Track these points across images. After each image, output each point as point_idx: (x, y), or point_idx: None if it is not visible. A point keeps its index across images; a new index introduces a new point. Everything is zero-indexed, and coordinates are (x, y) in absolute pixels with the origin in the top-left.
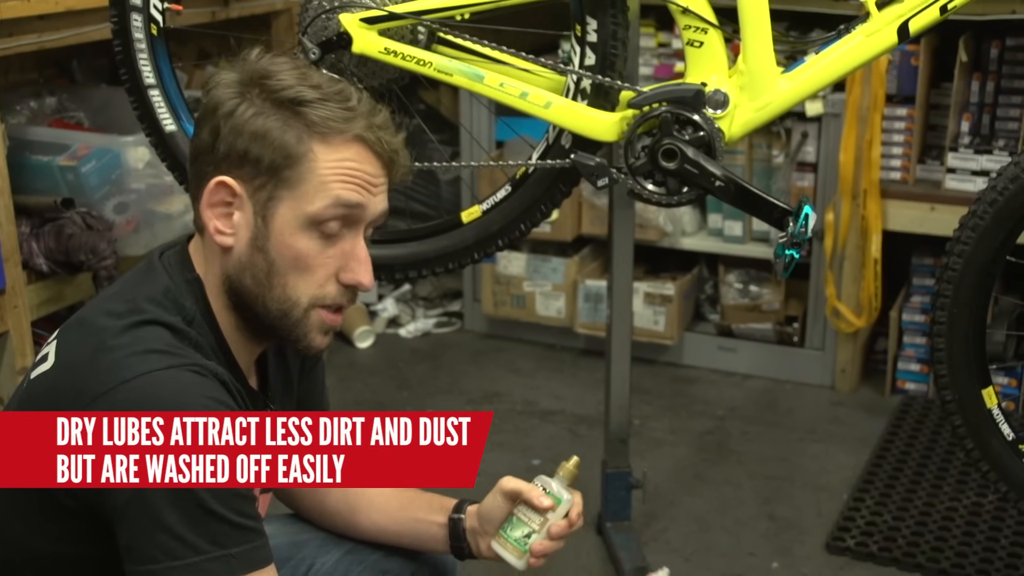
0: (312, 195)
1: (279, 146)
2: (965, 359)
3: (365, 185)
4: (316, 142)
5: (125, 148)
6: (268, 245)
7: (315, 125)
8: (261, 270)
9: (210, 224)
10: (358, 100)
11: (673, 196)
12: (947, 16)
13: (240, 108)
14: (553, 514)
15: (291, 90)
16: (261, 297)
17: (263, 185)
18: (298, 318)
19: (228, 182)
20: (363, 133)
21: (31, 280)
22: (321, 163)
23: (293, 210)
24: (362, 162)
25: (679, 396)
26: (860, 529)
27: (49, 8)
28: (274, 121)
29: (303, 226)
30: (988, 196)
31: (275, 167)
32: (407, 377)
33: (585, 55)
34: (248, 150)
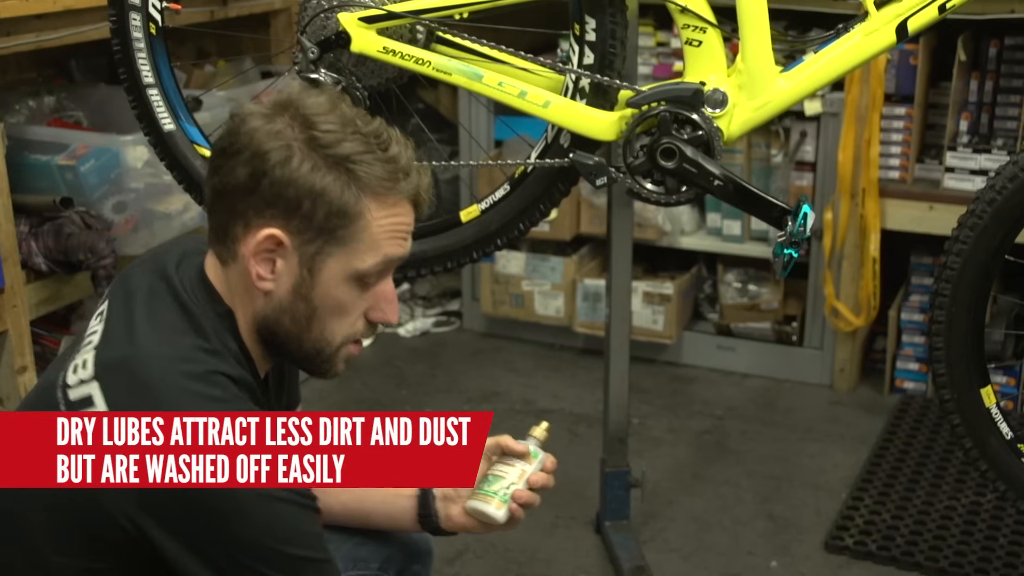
0: (363, 253)
1: (337, 206)
2: (964, 358)
3: (405, 236)
4: (370, 200)
5: (124, 147)
6: (312, 294)
7: (369, 186)
8: (302, 315)
9: (252, 270)
10: (397, 146)
11: (672, 195)
12: (946, 15)
13: (294, 162)
14: (529, 466)
15: (341, 146)
16: (298, 337)
17: (313, 239)
18: (330, 355)
19: (278, 235)
20: (412, 192)
21: (30, 279)
22: (374, 223)
23: (342, 264)
24: (406, 215)
25: (678, 395)
26: (859, 528)
27: (47, 7)
28: (331, 180)
29: (349, 279)
30: (987, 195)
31: (330, 225)
32: (406, 376)
33: (584, 54)
34: (301, 203)
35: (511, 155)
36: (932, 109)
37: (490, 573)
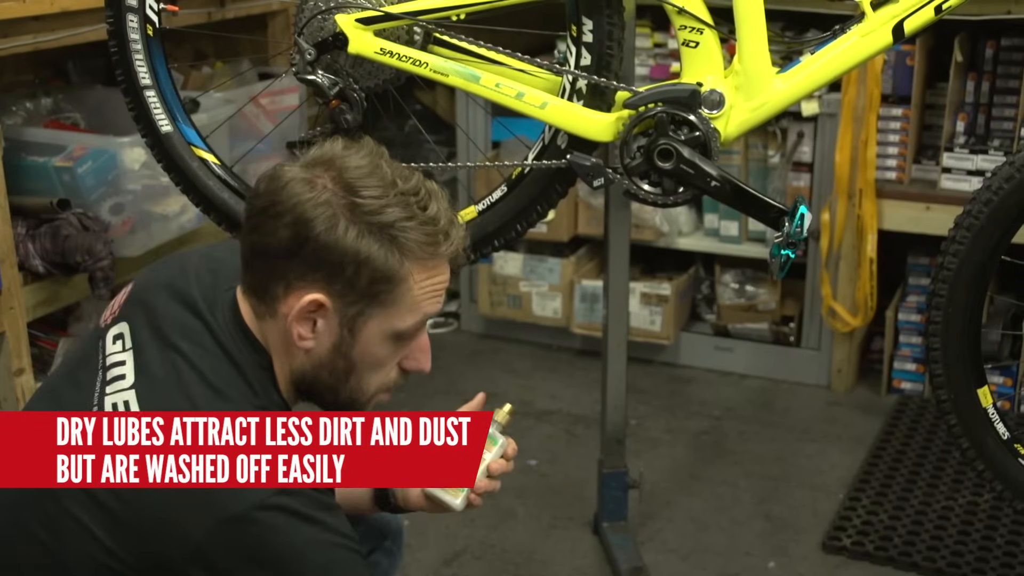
0: (404, 314)
1: (381, 272)
2: (960, 358)
3: (443, 293)
4: (412, 264)
5: (121, 149)
6: (352, 352)
7: (412, 252)
8: (341, 370)
9: (293, 330)
10: (435, 204)
11: (669, 196)
12: (942, 16)
13: (339, 229)
14: (488, 453)
15: (384, 213)
16: (334, 390)
17: (355, 302)
18: (363, 403)
19: (322, 300)
20: (452, 254)
21: (27, 281)
22: (416, 286)
23: (382, 325)
24: (444, 275)
25: (675, 396)
26: (856, 528)
27: (44, 9)
28: (375, 247)
29: (389, 338)
30: (983, 196)
31: (373, 290)
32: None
33: (581, 55)
34: (345, 269)
35: (508, 156)
36: (929, 110)
37: (487, 574)
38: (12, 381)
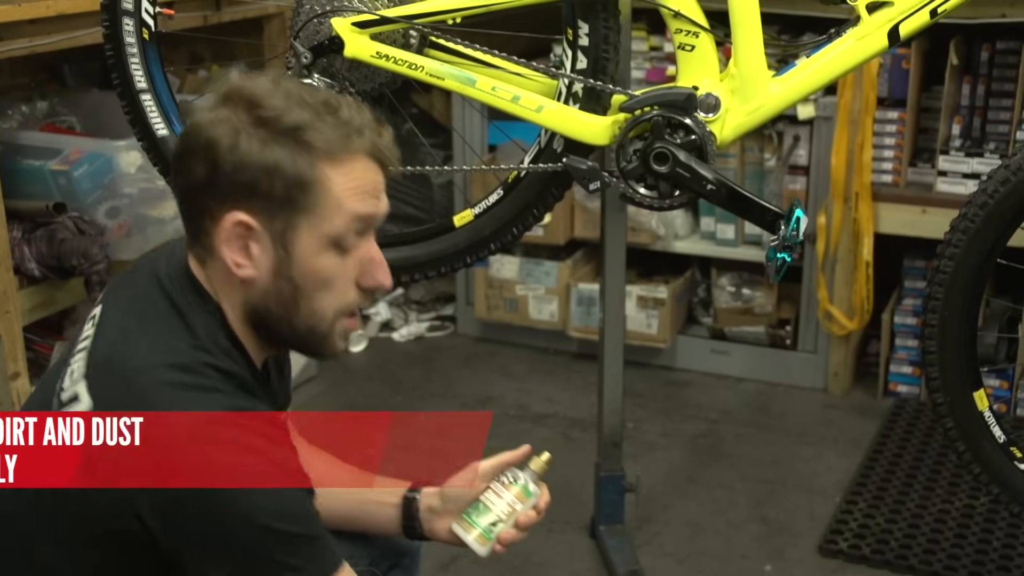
0: (331, 216)
1: (292, 176)
2: (957, 361)
3: (374, 194)
4: (325, 165)
5: (117, 152)
6: (292, 272)
7: (322, 150)
8: (287, 295)
9: (228, 259)
10: (348, 110)
11: (665, 200)
12: (937, 20)
13: (242, 143)
14: (520, 504)
15: (287, 117)
16: (287, 319)
17: (278, 215)
18: (326, 331)
19: (244, 219)
20: (368, 147)
21: (23, 285)
22: (334, 184)
23: (313, 234)
24: (368, 172)
25: (672, 399)
26: (853, 532)
27: (40, 12)
28: (281, 152)
29: (324, 246)
30: (979, 199)
31: (290, 197)
32: (400, 381)
33: (577, 59)
34: (258, 182)
35: (505, 160)
36: (924, 113)
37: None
38: (8, 385)
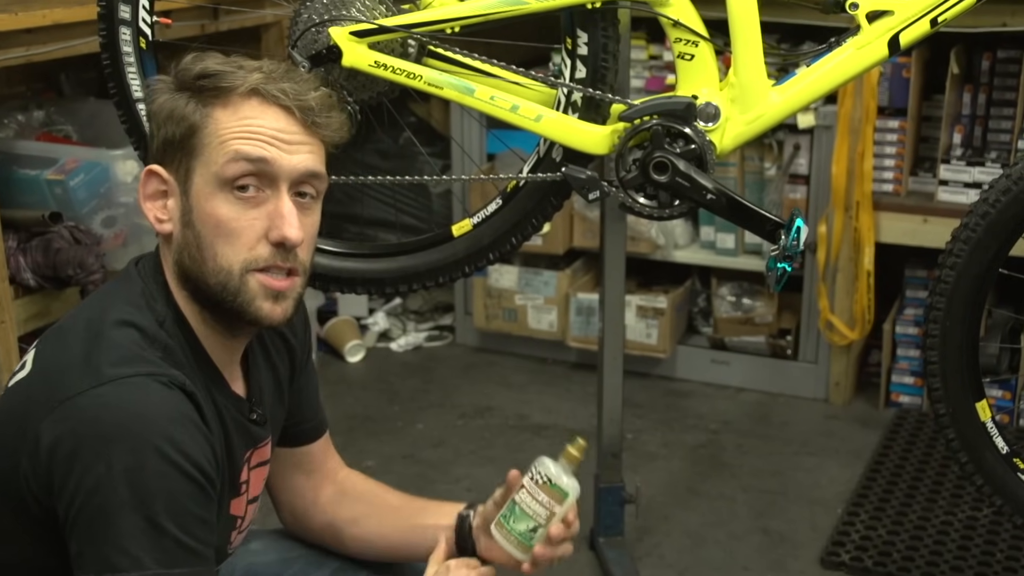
0: (215, 156)
1: (181, 119)
2: (958, 372)
3: (269, 140)
4: (215, 108)
5: (113, 162)
6: (192, 218)
7: (212, 91)
8: (192, 245)
9: (150, 215)
10: (267, 65)
11: (665, 209)
12: (938, 29)
13: (158, 100)
14: (560, 507)
15: (193, 68)
16: (201, 273)
17: (180, 162)
18: (236, 287)
19: (155, 169)
20: (257, 86)
21: (18, 295)
22: (220, 124)
23: (203, 176)
24: (264, 117)
25: (672, 410)
26: (855, 543)
27: (37, 21)
28: (179, 99)
29: (215, 189)
30: (980, 208)
31: (183, 140)
32: (398, 391)
33: (576, 68)
34: (165, 134)
35: (503, 169)
36: (925, 122)
37: None
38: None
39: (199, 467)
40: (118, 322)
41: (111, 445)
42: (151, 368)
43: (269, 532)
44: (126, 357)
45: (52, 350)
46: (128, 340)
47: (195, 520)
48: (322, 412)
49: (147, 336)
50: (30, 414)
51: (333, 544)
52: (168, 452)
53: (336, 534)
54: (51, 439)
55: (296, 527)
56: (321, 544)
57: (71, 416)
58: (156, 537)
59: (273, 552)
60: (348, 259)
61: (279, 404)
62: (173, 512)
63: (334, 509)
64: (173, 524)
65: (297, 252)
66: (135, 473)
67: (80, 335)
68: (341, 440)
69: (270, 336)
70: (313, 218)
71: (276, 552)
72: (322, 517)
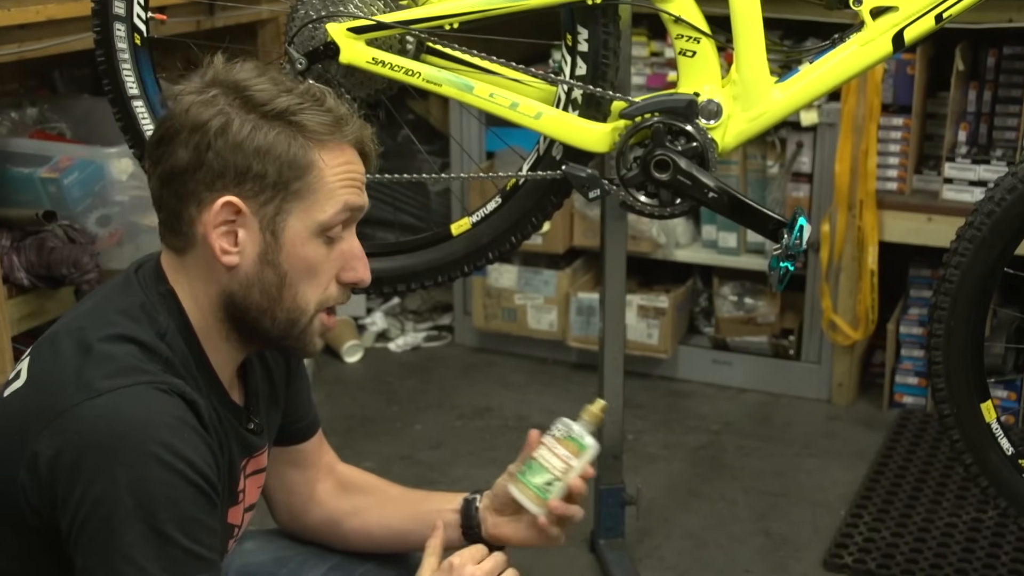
0: (323, 203)
1: (287, 159)
2: (963, 372)
3: (361, 186)
4: (318, 148)
5: (108, 160)
6: (279, 258)
7: (315, 133)
8: (272, 284)
9: (215, 245)
10: (332, 99)
11: (666, 208)
12: (943, 25)
13: (235, 125)
14: (577, 461)
15: (277, 101)
16: (270, 310)
17: (270, 200)
18: (305, 325)
19: (235, 202)
20: (356, 136)
21: (12, 294)
22: (328, 170)
23: (303, 220)
24: (356, 163)
25: (673, 410)
26: (858, 546)
27: (30, 17)
28: (275, 135)
29: (314, 235)
30: (985, 207)
31: (283, 180)
32: (396, 392)
33: (576, 65)
34: (251, 166)
35: (503, 167)
36: (930, 119)
37: None
38: None
39: (201, 473)
40: (116, 336)
41: (112, 456)
42: (149, 377)
43: (263, 532)
44: (123, 368)
45: (47, 360)
46: (125, 353)
47: (200, 526)
48: (314, 409)
49: (147, 349)
50: (27, 426)
51: (333, 539)
52: (170, 460)
53: (336, 527)
54: (51, 452)
55: (294, 526)
56: (319, 541)
57: (69, 428)
58: (162, 546)
59: (267, 551)
60: None
61: (275, 411)
62: (178, 520)
63: (334, 503)
64: (178, 532)
65: None
66: (138, 483)
67: (75, 347)
68: (338, 441)
69: None
70: None
71: (270, 551)
72: (320, 512)
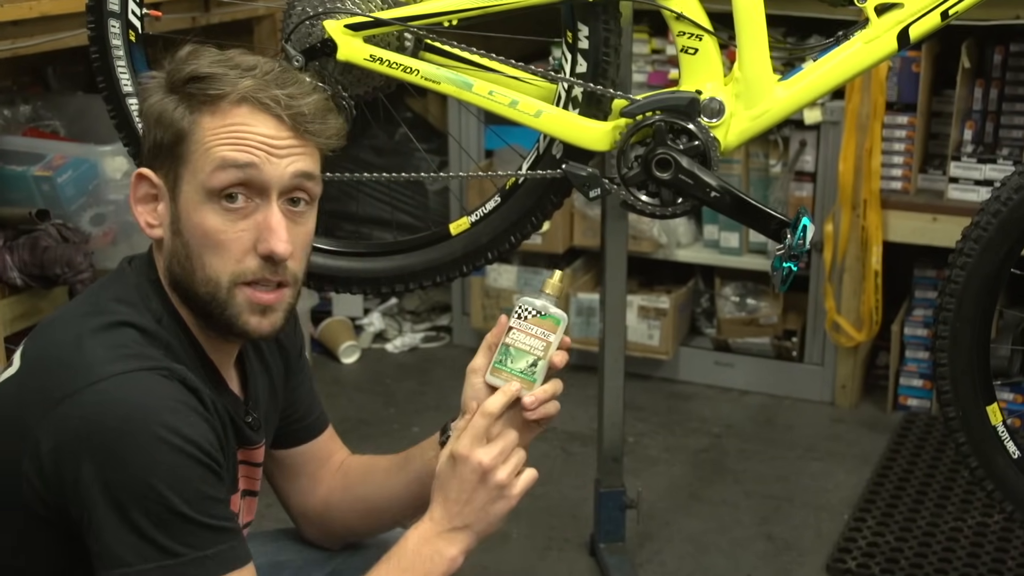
0: (202, 164)
1: (169, 124)
2: (969, 374)
3: (258, 146)
4: (203, 114)
5: (102, 158)
6: (181, 226)
7: (200, 96)
8: (181, 254)
9: (141, 219)
10: (262, 67)
11: (667, 207)
12: (949, 22)
13: (150, 100)
14: (555, 336)
15: (186, 69)
16: (190, 283)
17: (169, 168)
18: (224, 299)
19: (145, 173)
20: (248, 93)
21: (4, 295)
22: (207, 131)
23: (191, 184)
24: (253, 124)
25: (674, 413)
26: (862, 550)
27: (23, 13)
28: (168, 102)
29: (203, 199)
30: (992, 206)
31: (172, 146)
32: (394, 393)
33: (576, 62)
34: (155, 138)
35: (502, 166)
36: (935, 118)
37: None
38: None
39: (206, 451)
40: (116, 323)
41: (120, 440)
42: (151, 363)
43: (263, 534)
44: (124, 355)
45: (43, 347)
46: (127, 339)
47: (213, 501)
48: (320, 407)
49: (147, 334)
50: (25, 413)
51: (348, 534)
52: (177, 441)
53: (352, 527)
54: (54, 440)
55: (313, 532)
56: (339, 542)
57: (72, 414)
58: (181, 524)
59: (263, 555)
60: (343, 258)
61: (273, 408)
62: (192, 498)
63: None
64: (194, 510)
65: (287, 264)
66: (148, 465)
67: (74, 332)
68: None
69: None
70: (306, 227)
71: (266, 555)
72: (335, 514)
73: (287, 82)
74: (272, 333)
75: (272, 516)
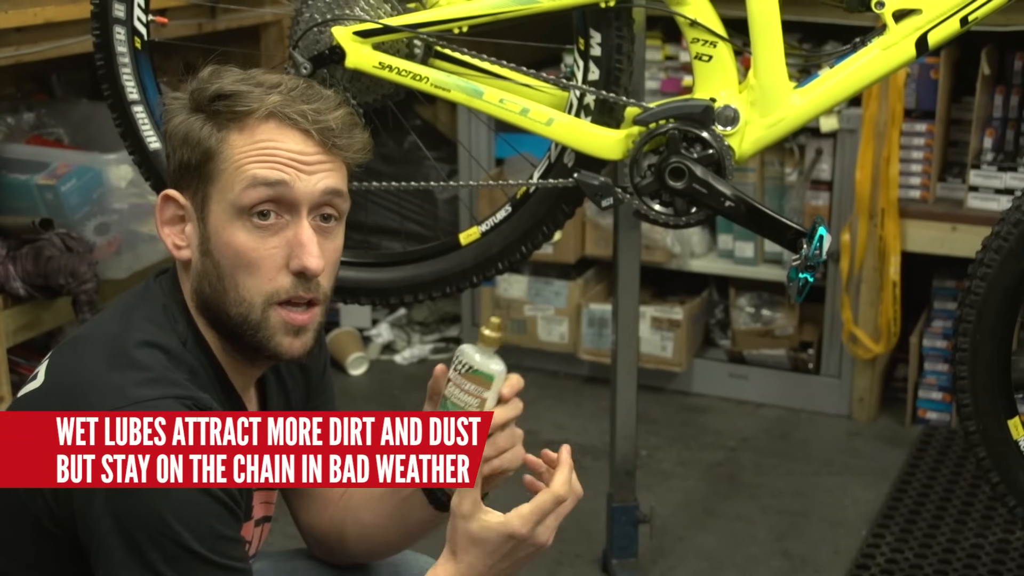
0: (232, 182)
1: (196, 143)
2: (989, 387)
3: (287, 162)
4: (231, 131)
5: (107, 166)
6: (211, 247)
7: (227, 113)
8: (212, 275)
9: (168, 241)
10: (287, 84)
11: (681, 217)
12: (968, 28)
13: (176, 118)
14: (489, 393)
15: (209, 89)
16: (222, 305)
17: (197, 188)
18: (257, 320)
19: (172, 195)
20: (275, 109)
21: (7, 305)
22: (236, 149)
23: (220, 204)
24: (281, 140)
25: (688, 426)
26: (880, 567)
27: (27, 20)
28: (194, 122)
29: (233, 217)
30: (1013, 216)
31: (199, 166)
32: (403, 405)
33: (589, 69)
34: (181, 158)
35: (513, 175)
36: (954, 125)
37: None
38: None
39: (226, 489)
40: (143, 342)
41: None
42: (177, 391)
43: (274, 554)
44: (152, 379)
45: (70, 364)
46: (154, 361)
47: (227, 542)
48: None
49: (173, 357)
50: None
51: (355, 560)
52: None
53: (351, 552)
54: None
55: (332, 561)
56: (356, 562)
57: None
58: (190, 561)
59: (274, 574)
60: (351, 268)
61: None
62: (204, 536)
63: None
64: (205, 548)
65: (319, 280)
66: (162, 500)
67: (102, 351)
68: None
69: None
70: (336, 243)
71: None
72: (337, 539)
73: (313, 97)
74: (303, 355)
75: (279, 532)
